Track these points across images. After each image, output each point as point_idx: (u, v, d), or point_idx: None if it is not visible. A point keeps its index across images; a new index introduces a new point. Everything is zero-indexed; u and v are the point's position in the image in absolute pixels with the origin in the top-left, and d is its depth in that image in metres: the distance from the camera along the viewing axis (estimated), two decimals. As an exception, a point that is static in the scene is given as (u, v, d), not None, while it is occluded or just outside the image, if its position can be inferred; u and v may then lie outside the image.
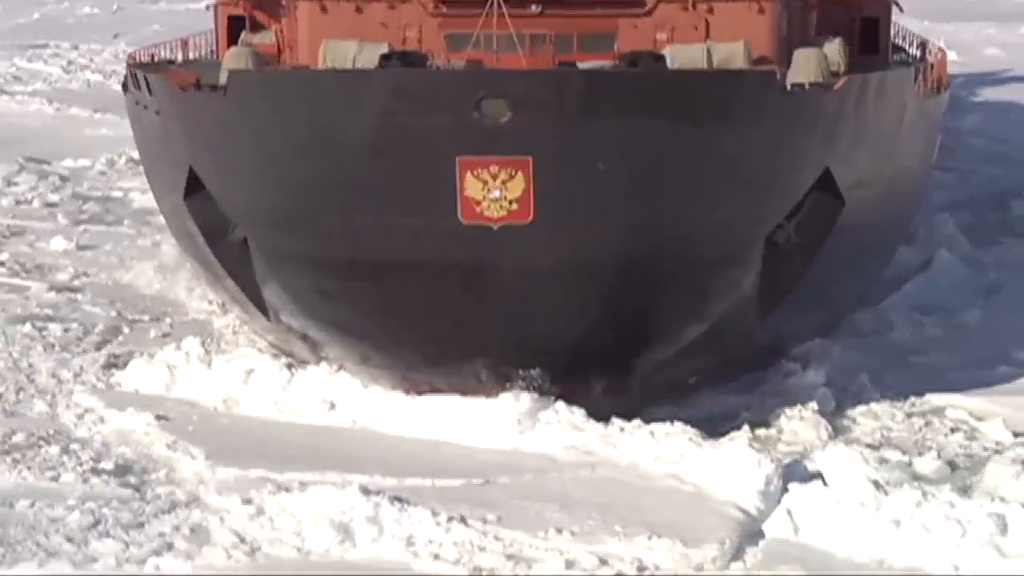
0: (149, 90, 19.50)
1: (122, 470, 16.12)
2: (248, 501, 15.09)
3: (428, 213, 15.91)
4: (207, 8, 25.01)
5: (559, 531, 14.52)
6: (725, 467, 15.39)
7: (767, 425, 17.37)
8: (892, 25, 24.11)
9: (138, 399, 18.10)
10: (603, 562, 14.02)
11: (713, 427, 16.87)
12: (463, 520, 14.65)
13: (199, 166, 18.42)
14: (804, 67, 18.26)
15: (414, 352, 17.15)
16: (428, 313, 16.57)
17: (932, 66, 22.18)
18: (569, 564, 14.03)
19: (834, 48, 19.63)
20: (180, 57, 23.94)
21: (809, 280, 17.87)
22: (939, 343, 20.51)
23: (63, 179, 31.50)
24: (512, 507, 15.00)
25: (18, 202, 29.25)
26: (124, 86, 22.27)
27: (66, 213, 28.49)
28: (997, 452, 16.47)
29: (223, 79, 17.63)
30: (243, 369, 18.65)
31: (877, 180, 18.89)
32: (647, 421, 16.67)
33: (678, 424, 16.46)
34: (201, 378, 18.63)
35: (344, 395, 17.83)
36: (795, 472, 15.55)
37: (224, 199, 18.14)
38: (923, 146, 21.76)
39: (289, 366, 18.55)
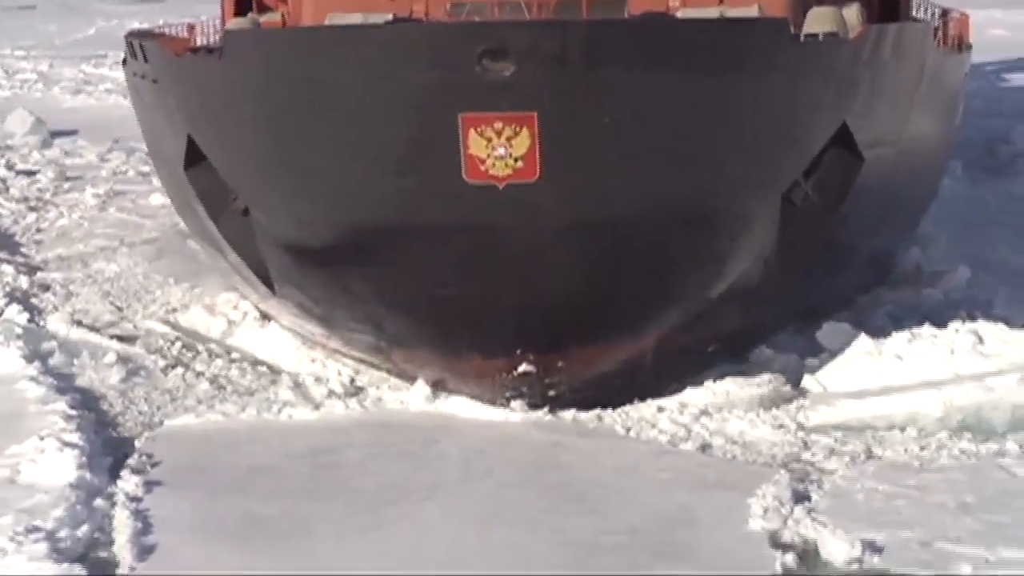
0: (145, 58, 19.02)
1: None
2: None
3: (431, 173, 15.45)
4: None
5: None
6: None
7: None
8: None
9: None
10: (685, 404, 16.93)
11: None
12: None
13: (198, 133, 17.95)
14: (819, 22, 17.73)
15: (419, 319, 16.78)
16: (433, 278, 16.20)
17: (952, 25, 21.96)
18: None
19: (852, 11, 18.78)
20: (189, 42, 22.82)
21: (829, 241, 17.62)
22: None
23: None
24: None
25: (115, 172, 32.55)
26: (124, 60, 21.52)
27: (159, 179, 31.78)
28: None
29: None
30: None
31: (898, 137, 18.46)
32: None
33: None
34: (256, 335, 19.75)
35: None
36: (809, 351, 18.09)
37: (223, 166, 17.71)
38: (946, 105, 21.28)
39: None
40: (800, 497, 14.29)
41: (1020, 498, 14.29)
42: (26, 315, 20.38)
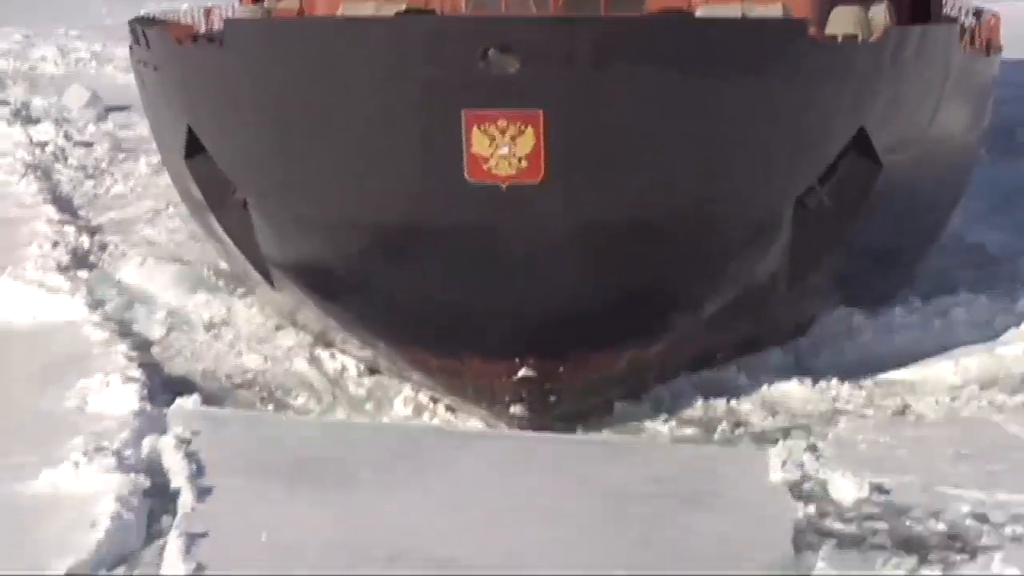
0: (148, 44, 18.63)
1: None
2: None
3: (433, 171, 14.96)
4: None
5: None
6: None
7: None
8: None
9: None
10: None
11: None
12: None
13: (197, 124, 17.53)
14: (840, 22, 17.22)
15: (418, 320, 16.27)
16: (433, 278, 15.75)
17: (980, 27, 21.56)
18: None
19: (879, 10, 18.09)
20: (204, 27, 21.75)
21: (845, 248, 17.11)
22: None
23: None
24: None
25: None
26: (130, 47, 21.13)
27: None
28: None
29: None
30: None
31: (921, 141, 17.94)
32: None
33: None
34: None
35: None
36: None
37: (222, 159, 17.24)
38: (973, 107, 20.71)
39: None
40: (814, 448, 15.33)
41: (1014, 450, 15.30)
42: (88, 270, 22.10)
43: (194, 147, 17.87)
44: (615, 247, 15.24)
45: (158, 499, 13.72)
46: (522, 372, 15.87)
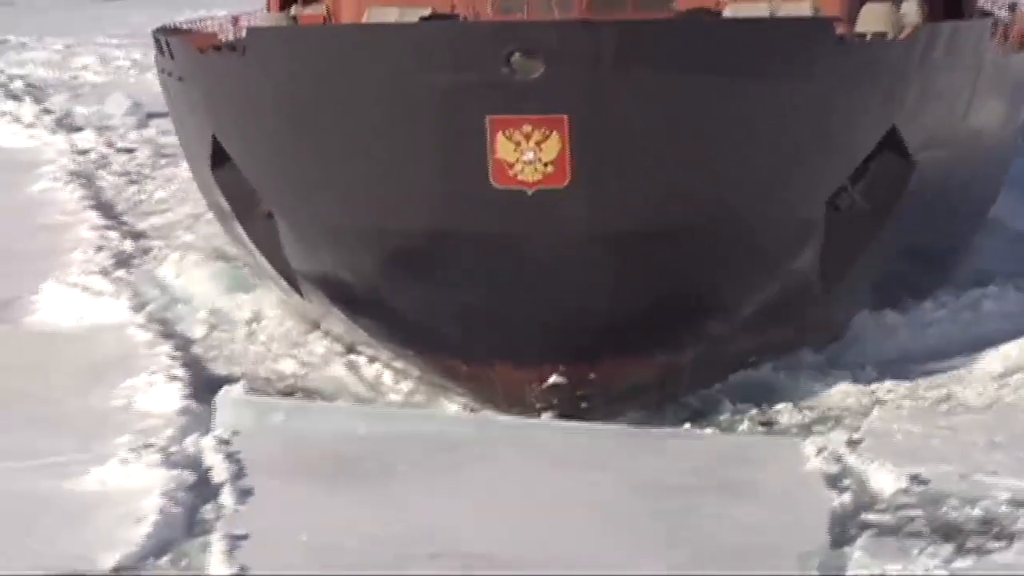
0: (172, 54, 18.73)
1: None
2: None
3: (458, 178, 14.83)
4: None
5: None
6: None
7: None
8: None
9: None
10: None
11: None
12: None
13: (221, 133, 17.57)
14: (870, 19, 17.11)
15: (446, 327, 16.19)
16: (460, 285, 15.63)
17: (1014, 22, 21.38)
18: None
19: (910, 6, 17.97)
20: (232, 34, 21.61)
21: (879, 248, 16.93)
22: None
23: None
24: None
25: None
26: (155, 57, 21.14)
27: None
28: None
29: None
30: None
31: (954, 139, 17.85)
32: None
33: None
34: None
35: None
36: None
37: (247, 168, 17.25)
38: (1006, 104, 20.58)
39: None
40: (850, 438, 15.41)
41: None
42: (132, 273, 22.50)
43: (220, 157, 17.93)
44: (642, 252, 15.10)
45: (202, 495, 13.99)
46: (553, 378, 15.83)
